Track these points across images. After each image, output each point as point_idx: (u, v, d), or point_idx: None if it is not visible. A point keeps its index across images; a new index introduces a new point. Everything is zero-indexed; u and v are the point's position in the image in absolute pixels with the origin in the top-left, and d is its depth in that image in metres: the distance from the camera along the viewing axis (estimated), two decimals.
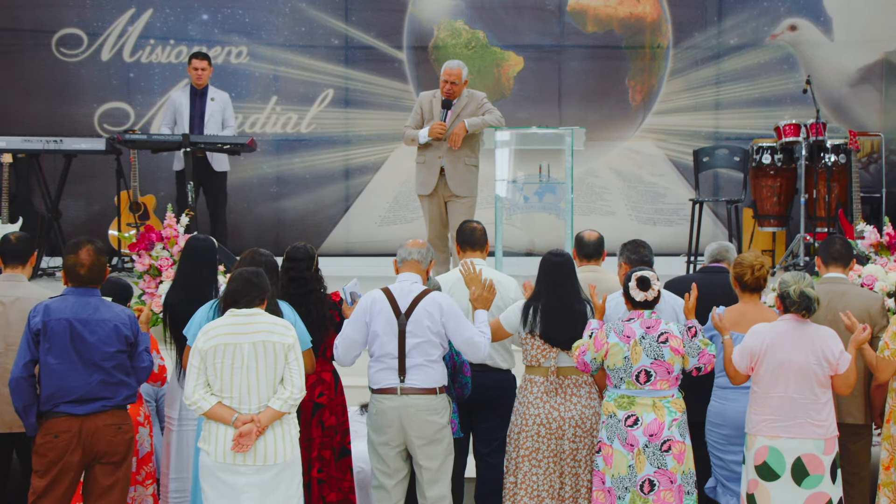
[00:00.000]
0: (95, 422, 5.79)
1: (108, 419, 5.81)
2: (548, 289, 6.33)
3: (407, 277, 6.26)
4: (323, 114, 12.12)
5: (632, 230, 11.22)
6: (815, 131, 10.68)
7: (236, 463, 5.67)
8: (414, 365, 6.13)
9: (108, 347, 5.81)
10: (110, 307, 5.92)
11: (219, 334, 5.69)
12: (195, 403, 5.68)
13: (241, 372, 5.67)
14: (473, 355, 6.24)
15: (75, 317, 5.80)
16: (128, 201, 10.94)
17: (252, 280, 5.78)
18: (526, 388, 6.34)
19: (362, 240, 12.14)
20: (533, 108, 11.98)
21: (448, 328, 6.15)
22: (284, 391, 5.70)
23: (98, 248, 5.95)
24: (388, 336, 6.14)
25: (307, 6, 12.03)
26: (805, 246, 10.41)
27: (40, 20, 11.91)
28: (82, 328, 5.79)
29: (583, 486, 6.25)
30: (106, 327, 5.82)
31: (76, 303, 5.85)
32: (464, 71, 9.10)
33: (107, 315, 5.85)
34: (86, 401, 5.78)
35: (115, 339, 5.83)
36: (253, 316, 5.74)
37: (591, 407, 6.27)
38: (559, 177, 9.00)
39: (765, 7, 12.07)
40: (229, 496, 5.68)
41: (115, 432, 5.82)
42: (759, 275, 6.32)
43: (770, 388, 5.91)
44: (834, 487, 5.92)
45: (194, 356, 5.71)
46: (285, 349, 5.72)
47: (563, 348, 6.25)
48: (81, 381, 5.77)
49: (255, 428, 5.64)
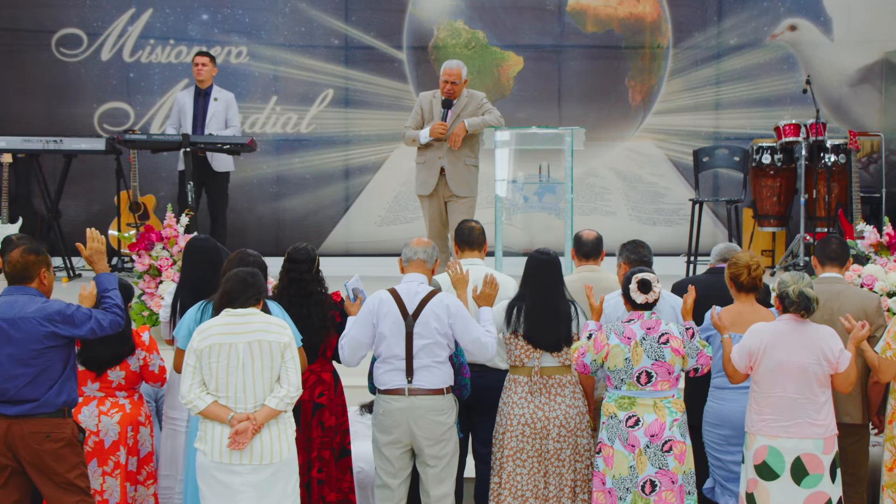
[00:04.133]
0: (22, 427, 5.72)
1: (36, 426, 5.73)
2: (532, 289, 6.33)
3: (413, 278, 6.24)
4: (323, 114, 12.12)
5: (632, 230, 11.22)
6: (814, 131, 10.69)
7: (232, 462, 5.67)
8: (421, 366, 6.13)
9: (35, 345, 5.74)
10: (36, 303, 5.81)
11: (213, 334, 5.69)
12: (191, 402, 5.68)
13: (236, 371, 5.67)
14: (482, 355, 6.23)
15: (2, 317, 5.76)
16: (128, 201, 10.94)
17: (247, 280, 5.78)
18: (510, 388, 6.34)
19: (362, 240, 12.14)
20: (533, 108, 11.98)
21: (455, 329, 6.14)
22: (281, 389, 5.70)
23: (28, 247, 5.89)
24: (395, 338, 6.13)
25: (307, 6, 12.03)
26: (805, 246, 10.42)
27: (40, 20, 11.92)
28: (9, 328, 5.73)
29: (566, 485, 6.25)
30: (31, 325, 5.74)
31: (4, 302, 5.82)
32: (463, 71, 9.10)
33: (32, 312, 5.77)
34: (15, 402, 5.72)
35: (43, 336, 5.74)
36: (248, 316, 5.74)
37: (575, 407, 6.28)
38: (559, 177, 9.00)
39: (765, 7, 12.08)
40: (225, 496, 5.67)
41: (40, 440, 5.73)
42: (755, 275, 6.32)
43: (769, 387, 5.91)
44: (833, 487, 5.92)
45: (190, 355, 5.71)
46: (281, 348, 5.72)
47: (547, 349, 6.25)
48: (9, 380, 5.71)
49: (251, 426, 5.64)
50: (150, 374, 6.50)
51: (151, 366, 6.49)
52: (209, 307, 6.13)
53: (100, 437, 6.34)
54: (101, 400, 6.41)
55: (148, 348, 6.49)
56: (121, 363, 6.41)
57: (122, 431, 6.37)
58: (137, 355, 6.46)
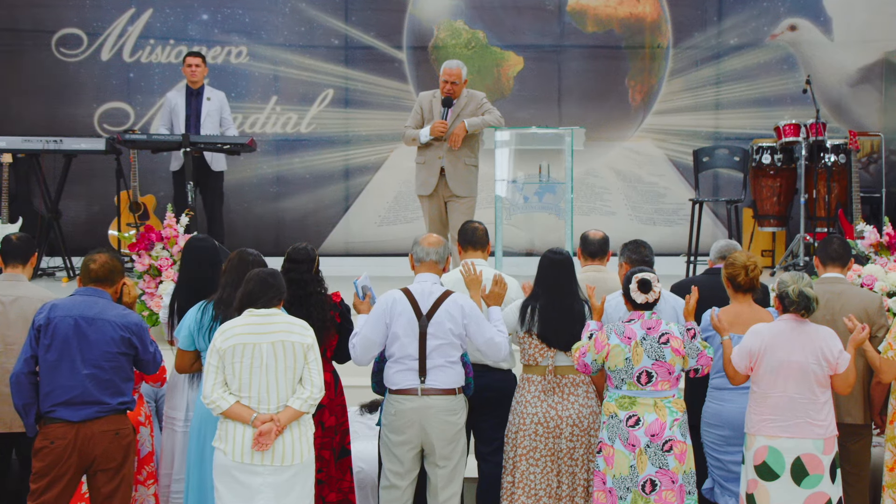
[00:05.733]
0: (91, 428, 5.79)
1: (105, 425, 5.81)
2: (546, 288, 6.33)
3: (426, 278, 6.23)
4: (323, 114, 12.12)
5: (632, 230, 11.22)
6: (814, 131, 10.69)
7: (254, 463, 5.66)
8: (434, 366, 6.12)
9: (110, 348, 5.82)
10: (117, 309, 5.93)
11: (237, 334, 5.68)
12: (214, 402, 5.67)
13: (259, 371, 5.66)
14: (495, 355, 6.23)
15: (81, 314, 5.82)
16: (128, 201, 10.94)
17: (268, 280, 5.78)
18: (523, 387, 6.35)
19: (362, 240, 12.14)
20: (533, 108, 11.98)
21: (469, 330, 6.14)
22: (304, 391, 5.70)
23: (114, 256, 6.07)
24: (408, 338, 6.12)
25: (307, 6, 12.03)
26: (805, 246, 10.42)
27: (40, 20, 11.91)
28: (87, 326, 5.80)
29: (580, 485, 6.26)
30: (110, 327, 5.83)
31: (83, 301, 5.88)
32: (463, 70, 9.10)
33: (113, 316, 5.86)
34: (81, 403, 5.77)
35: (119, 340, 5.83)
36: (271, 316, 5.74)
37: (588, 406, 6.28)
38: (559, 177, 9.00)
39: (765, 7, 12.07)
40: (244, 496, 5.66)
41: (111, 438, 5.82)
42: (752, 275, 6.31)
43: (769, 387, 5.91)
44: (833, 487, 5.91)
45: (212, 355, 5.70)
46: (304, 349, 5.71)
47: (561, 349, 6.25)
48: (77, 379, 5.77)
49: (274, 427, 5.63)
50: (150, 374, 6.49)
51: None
52: (209, 307, 6.12)
53: None
54: None
55: None
56: None
57: None
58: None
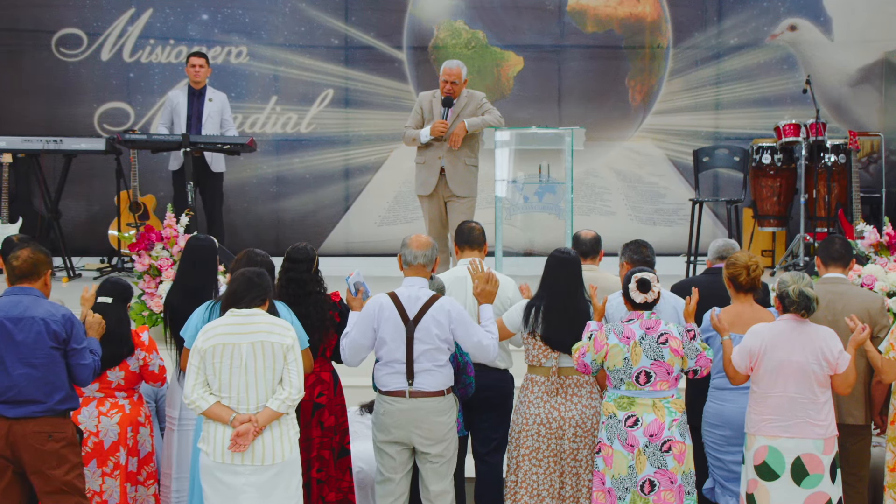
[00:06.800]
0: (24, 427, 5.74)
1: (37, 426, 5.75)
2: (551, 289, 6.32)
3: (414, 282, 6.20)
4: (323, 114, 12.12)
5: (632, 230, 11.22)
6: (814, 131, 10.69)
7: (234, 463, 5.67)
8: (422, 370, 6.11)
9: (39, 344, 5.76)
10: (44, 305, 5.85)
11: (218, 334, 5.69)
12: (193, 402, 5.68)
13: (239, 372, 5.66)
14: (483, 357, 6.22)
15: (6, 316, 5.77)
16: (128, 201, 10.94)
17: (253, 280, 5.78)
18: (527, 387, 6.34)
19: (362, 240, 12.14)
20: (533, 108, 11.98)
21: (457, 334, 6.12)
22: (283, 392, 5.70)
23: (37, 248, 5.95)
24: (395, 343, 6.11)
25: (307, 6, 12.02)
26: (805, 246, 10.42)
27: (40, 20, 11.91)
28: (13, 326, 5.75)
29: (583, 485, 6.25)
30: (36, 325, 5.77)
31: (8, 302, 5.83)
32: (463, 70, 9.10)
33: (38, 313, 5.80)
34: (16, 402, 5.73)
35: (46, 336, 5.77)
36: (252, 316, 5.74)
37: (591, 407, 6.27)
38: (559, 177, 9.00)
39: (765, 7, 12.07)
40: (228, 496, 5.68)
41: (43, 441, 5.75)
42: (754, 275, 6.31)
43: (769, 387, 5.91)
44: (833, 487, 5.91)
45: (193, 355, 5.71)
46: (284, 349, 5.71)
47: (564, 351, 6.24)
48: (12, 379, 5.73)
49: (252, 428, 5.64)
50: (150, 375, 6.50)
51: (151, 366, 6.49)
52: (216, 307, 6.11)
53: (99, 437, 6.34)
54: (100, 401, 6.41)
55: (147, 348, 6.50)
56: (120, 364, 6.41)
57: (121, 432, 6.37)
58: (137, 356, 6.46)
